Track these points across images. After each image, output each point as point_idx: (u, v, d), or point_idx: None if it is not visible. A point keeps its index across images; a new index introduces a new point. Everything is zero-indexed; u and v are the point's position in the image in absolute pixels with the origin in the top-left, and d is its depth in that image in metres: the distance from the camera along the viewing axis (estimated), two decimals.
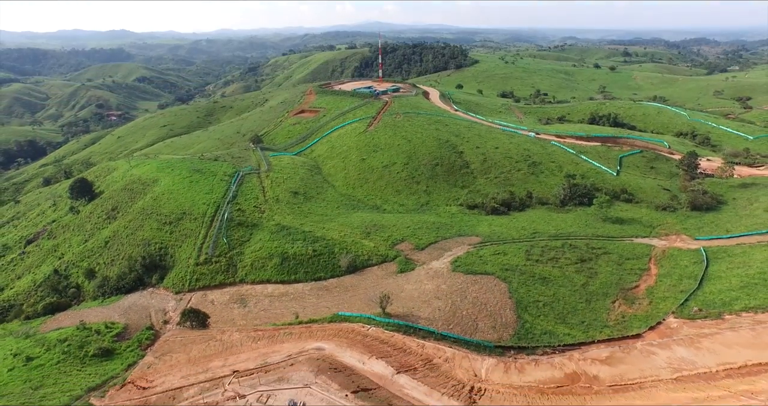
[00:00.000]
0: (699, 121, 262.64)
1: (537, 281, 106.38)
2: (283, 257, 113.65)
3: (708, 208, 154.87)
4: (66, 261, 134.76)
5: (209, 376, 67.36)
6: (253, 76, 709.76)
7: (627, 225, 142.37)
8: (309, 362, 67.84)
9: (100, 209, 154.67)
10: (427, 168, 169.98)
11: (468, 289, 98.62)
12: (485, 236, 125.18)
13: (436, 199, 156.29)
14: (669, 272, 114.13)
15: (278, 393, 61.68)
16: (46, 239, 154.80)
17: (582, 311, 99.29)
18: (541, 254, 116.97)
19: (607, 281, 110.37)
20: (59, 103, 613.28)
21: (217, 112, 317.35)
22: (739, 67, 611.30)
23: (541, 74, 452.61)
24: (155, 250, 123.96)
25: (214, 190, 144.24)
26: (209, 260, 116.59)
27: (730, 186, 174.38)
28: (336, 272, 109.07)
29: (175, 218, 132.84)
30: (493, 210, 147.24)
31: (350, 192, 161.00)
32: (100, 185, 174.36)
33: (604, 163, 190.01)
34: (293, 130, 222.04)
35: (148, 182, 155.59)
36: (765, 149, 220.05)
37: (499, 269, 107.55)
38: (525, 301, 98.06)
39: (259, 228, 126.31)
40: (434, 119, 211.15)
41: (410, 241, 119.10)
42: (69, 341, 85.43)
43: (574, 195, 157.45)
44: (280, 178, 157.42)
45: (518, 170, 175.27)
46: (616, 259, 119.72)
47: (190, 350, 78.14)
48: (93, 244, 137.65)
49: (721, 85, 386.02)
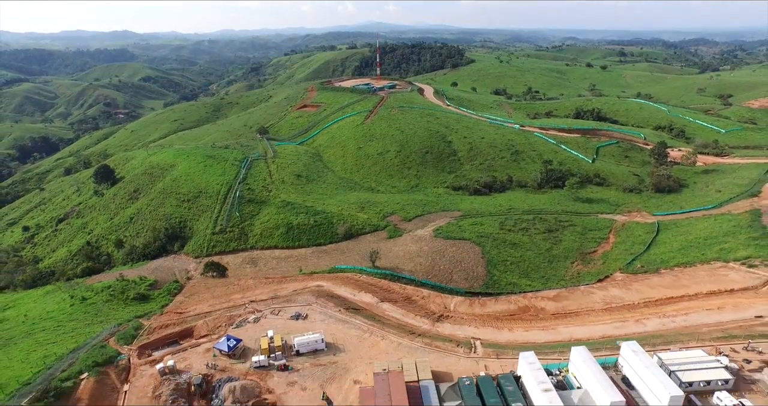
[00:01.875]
0: (677, 116, 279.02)
1: (507, 245, 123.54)
2: (288, 227, 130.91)
3: (670, 190, 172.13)
4: (96, 235, 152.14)
5: (231, 304, 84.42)
6: (256, 75, 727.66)
7: (595, 204, 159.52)
8: (310, 292, 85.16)
9: (123, 192, 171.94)
10: (417, 155, 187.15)
11: (446, 250, 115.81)
12: (466, 210, 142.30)
13: (425, 183, 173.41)
14: (624, 240, 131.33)
15: (287, 309, 78.98)
16: (75, 218, 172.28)
17: (544, 268, 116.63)
18: (514, 225, 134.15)
19: (569, 247, 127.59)
20: (68, 102, 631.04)
21: (224, 108, 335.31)
22: (730, 67, 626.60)
23: (534, 73, 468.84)
24: (176, 223, 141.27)
25: (226, 172, 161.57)
26: (224, 230, 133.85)
27: (694, 172, 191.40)
28: (334, 239, 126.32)
29: (193, 196, 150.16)
30: (476, 191, 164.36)
31: (348, 176, 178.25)
32: (121, 172, 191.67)
33: (582, 152, 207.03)
34: (296, 123, 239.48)
35: (166, 167, 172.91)
36: (734, 141, 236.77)
37: (475, 236, 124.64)
38: (495, 260, 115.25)
39: (267, 204, 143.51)
40: (426, 113, 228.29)
41: (399, 214, 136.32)
42: (112, 288, 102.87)
43: (550, 179, 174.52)
44: (285, 164, 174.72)
45: (501, 158, 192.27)
46: (580, 230, 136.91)
47: (213, 291, 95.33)
48: (119, 220, 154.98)
49: (704, 83, 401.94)
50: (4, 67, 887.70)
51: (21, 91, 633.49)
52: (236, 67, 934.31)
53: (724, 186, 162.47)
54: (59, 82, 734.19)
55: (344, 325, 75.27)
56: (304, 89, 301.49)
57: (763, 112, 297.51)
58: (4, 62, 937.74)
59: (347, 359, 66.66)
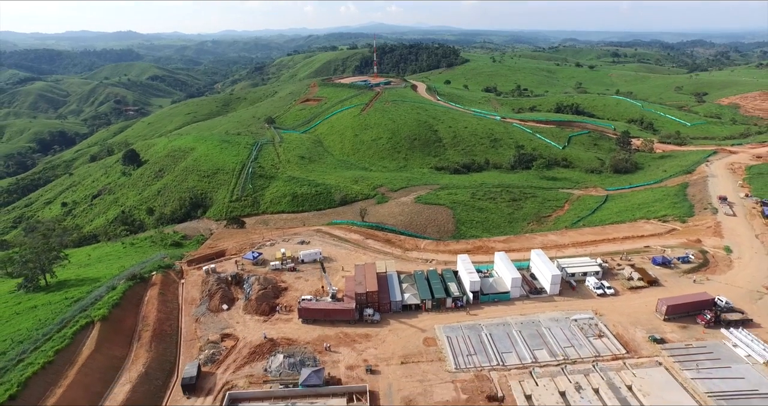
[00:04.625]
0: (650, 111, 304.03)
1: (475, 210, 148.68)
2: (293, 195, 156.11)
3: (626, 171, 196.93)
4: (128, 206, 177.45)
5: (251, 242, 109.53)
6: (260, 74, 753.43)
7: (559, 181, 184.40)
8: (312, 232, 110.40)
9: (149, 171, 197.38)
10: (406, 141, 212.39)
11: (423, 212, 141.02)
12: (444, 184, 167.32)
13: (412, 164, 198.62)
14: (576, 207, 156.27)
15: (294, 238, 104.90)
16: (108, 194, 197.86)
17: (504, 227, 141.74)
18: (483, 195, 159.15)
19: (528, 212, 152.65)
20: (79, 100, 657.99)
21: (233, 103, 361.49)
22: (717, 68, 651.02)
23: (525, 72, 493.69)
24: (198, 194, 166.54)
25: (240, 154, 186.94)
26: (239, 198, 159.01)
27: (652, 158, 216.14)
28: (331, 205, 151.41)
29: (212, 172, 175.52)
30: (455, 171, 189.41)
31: (345, 158, 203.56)
32: (145, 156, 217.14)
33: (555, 140, 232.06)
34: (300, 115, 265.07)
35: (187, 150, 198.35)
36: (697, 133, 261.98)
37: (449, 202, 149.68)
38: (463, 219, 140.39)
39: (275, 179, 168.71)
40: (417, 106, 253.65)
41: (387, 186, 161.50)
42: (153, 238, 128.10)
43: (522, 161, 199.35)
44: (290, 147, 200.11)
45: (481, 144, 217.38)
46: (540, 200, 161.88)
47: (235, 236, 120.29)
48: (148, 193, 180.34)
49: (683, 82, 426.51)
50: (16, 66, 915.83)
51: (35, 89, 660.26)
52: (240, 67, 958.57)
53: (670, 167, 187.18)
54: (70, 80, 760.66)
55: (337, 247, 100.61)
56: (307, 85, 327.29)
57: (730, 108, 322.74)
58: (16, 62, 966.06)
59: (338, 264, 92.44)
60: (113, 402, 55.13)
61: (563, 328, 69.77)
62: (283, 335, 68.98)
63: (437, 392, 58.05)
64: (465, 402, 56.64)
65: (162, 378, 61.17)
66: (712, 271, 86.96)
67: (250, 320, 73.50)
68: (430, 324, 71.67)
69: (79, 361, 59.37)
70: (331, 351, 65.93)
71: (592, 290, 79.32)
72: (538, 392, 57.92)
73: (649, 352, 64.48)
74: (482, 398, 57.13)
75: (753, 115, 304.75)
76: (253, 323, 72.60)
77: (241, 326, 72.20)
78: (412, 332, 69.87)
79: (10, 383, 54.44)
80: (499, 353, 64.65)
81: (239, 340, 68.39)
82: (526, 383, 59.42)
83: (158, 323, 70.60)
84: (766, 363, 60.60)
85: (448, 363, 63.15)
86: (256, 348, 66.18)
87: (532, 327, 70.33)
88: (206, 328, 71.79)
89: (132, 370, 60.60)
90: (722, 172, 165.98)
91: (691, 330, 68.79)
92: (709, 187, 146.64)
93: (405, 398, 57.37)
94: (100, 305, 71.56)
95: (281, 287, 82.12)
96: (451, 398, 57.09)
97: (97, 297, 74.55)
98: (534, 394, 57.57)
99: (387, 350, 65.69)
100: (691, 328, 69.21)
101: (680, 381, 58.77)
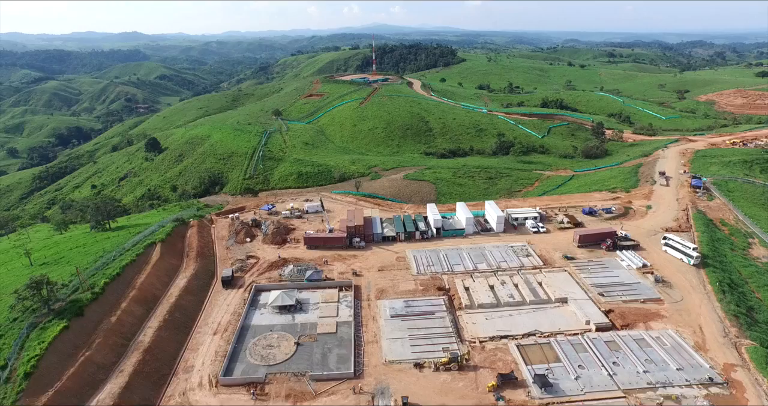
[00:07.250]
0: (630, 106, 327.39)
1: (455, 185, 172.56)
2: (299, 174, 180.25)
3: (596, 156, 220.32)
4: (153, 185, 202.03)
5: (265, 202, 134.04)
6: (264, 74, 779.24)
7: (533, 164, 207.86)
8: (314, 195, 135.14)
9: (169, 157, 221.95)
10: (400, 131, 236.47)
11: (410, 185, 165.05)
12: (431, 165, 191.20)
13: (404, 150, 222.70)
14: (544, 184, 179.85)
15: (300, 197, 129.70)
16: (133, 177, 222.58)
17: (479, 199, 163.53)
18: (463, 174, 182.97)
19: (502, 188, 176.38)
20: (91, 98, 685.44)
21: (242, 98, 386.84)
22: (711, 67, 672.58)
23: (518, 71, 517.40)
24: (216, 173, 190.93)
25: (251, 140, 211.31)
26: (251, 177, 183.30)
27: (622, 146, 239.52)
28: (332, 181, 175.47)
29: (227, 155, 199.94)
30: (442, 155, 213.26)
31: (344, 145, 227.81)
32: (164, 144, 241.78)
33: (536, 130, 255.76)
34: (304, 108, 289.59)
35: (204, 137, 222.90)
36: (670, 126, 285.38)
37: (433, 179, 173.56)
38: (444, 192, 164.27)
39: (282, 161, 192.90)
40: (411, 100, 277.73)
41: (380, 166, 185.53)
42: (181, 205, 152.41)
43: (502, 147, 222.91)
44: (296, 135, 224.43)
45: (468, 134, 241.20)
46: (514, 179, 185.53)
47: (250, 202, 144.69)
48: (170, 174, 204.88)
49: (667, 80, 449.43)
50: (28, 66, 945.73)
51: (49, 88, 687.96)
52: (245, 67, 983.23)
53: (634, 153, 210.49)
54: (81, 80, 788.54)
55: (335, 202, 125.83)
56: (311, 82, 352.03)
57: (706, 104, 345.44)
58: (28, 62, 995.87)
59: (334, 214, 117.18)
60: (178, 286, 79.45)
61: (501, 251, 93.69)
62: (293, 256, 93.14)
63: (402, 286, 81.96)
64: (422, 292, 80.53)
65: (206, 279, 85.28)
66: (628, 219, 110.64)
67: (268, 247, 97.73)
68: (402, 249, 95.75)
69: (151, 261, 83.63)
70: (328, 264, 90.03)
71: (529, 229, 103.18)
72: (474, 286, 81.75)
73: (561, 265, 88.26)
74: (434, 289, 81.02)
75: (725, 111, 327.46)
76: (270, 250, 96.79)
77: (261, 251, 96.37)
78: (388, 254, 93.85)
79: (113, 267, 79.34)
80: (450, 265, 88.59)
81: (260, 259, 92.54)
82: (467, 281, 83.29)
83: (200, 248, 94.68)
84: (638, 269, 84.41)
85: (412, 270, 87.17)
86: (273, 263, 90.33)
87: (477, 251, 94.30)
88: (235, 252, 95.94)
89: (186, 271, 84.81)
90: (674, 155, 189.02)
91: (596, 253, 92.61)
92: (657, 166, 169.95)
93: (379, 289, 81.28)
94: (158, 233, 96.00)
95: (291, 228, 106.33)
96: (412, 289, 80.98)
97: (154, 230, 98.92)
98: (471, 287, 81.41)
99: (368, 264, 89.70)
100: (595, 251, 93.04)
101: (576, 280, 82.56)
